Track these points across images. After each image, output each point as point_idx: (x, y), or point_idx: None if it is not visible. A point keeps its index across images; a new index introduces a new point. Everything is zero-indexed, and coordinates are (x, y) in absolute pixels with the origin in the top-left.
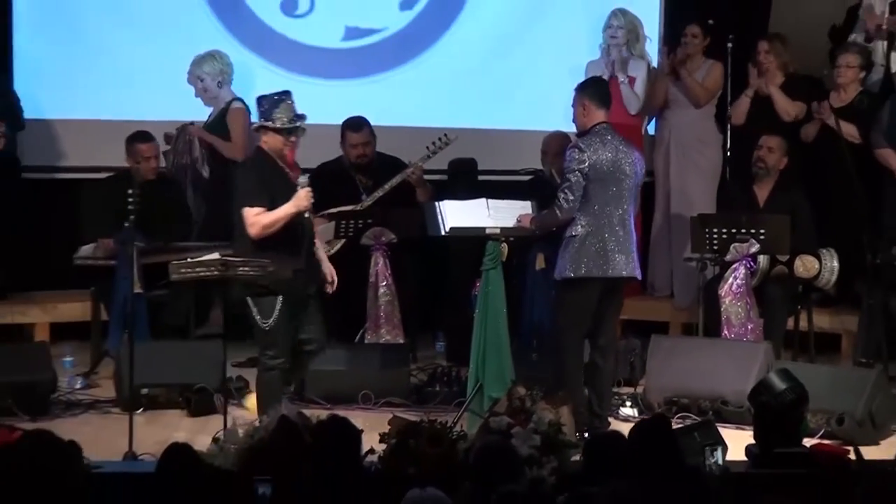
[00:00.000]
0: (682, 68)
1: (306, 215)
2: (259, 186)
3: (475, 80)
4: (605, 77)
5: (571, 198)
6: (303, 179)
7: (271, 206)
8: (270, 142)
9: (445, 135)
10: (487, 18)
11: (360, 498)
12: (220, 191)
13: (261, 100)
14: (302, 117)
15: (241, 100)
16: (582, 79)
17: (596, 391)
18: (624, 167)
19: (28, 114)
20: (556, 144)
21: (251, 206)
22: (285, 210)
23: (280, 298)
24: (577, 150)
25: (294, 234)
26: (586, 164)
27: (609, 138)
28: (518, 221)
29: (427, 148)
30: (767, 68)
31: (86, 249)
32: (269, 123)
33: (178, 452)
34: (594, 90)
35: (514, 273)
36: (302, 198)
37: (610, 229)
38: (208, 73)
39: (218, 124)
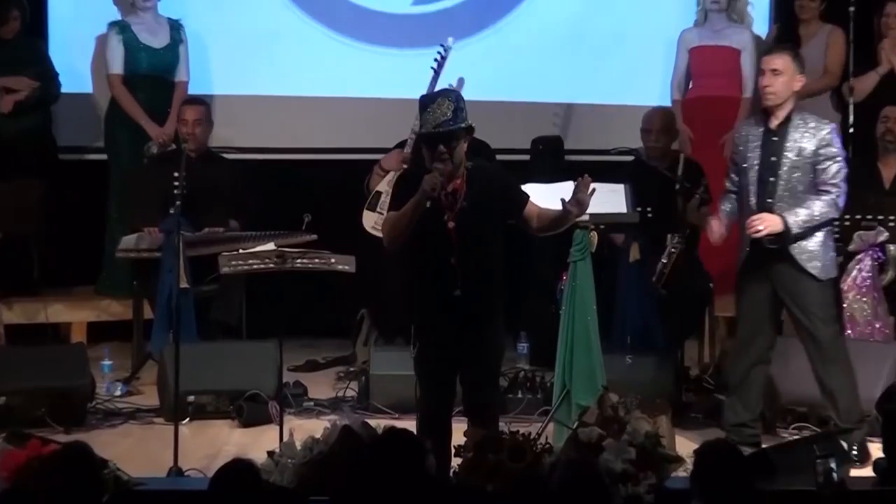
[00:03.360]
0: None
1: (428, 204)
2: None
3: (560, 48)
4: (695, 45)
5: (846, 189)
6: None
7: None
8: (423, 152)
9: (441, 45)
10: None
11: None
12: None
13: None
14: (448, 122)
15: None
16: (674, 50)
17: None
18: None
19: (65, 87)
20: (661, 121)
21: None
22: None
23: (417, 343)
24: (836, 133)
25: (428, 248)
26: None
27: None
28: (750, 227)
29: (432, 69)
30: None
31: (127, 240)
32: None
33: (238, 470)
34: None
35: (605, 265)
36: (424, 182)
37: None
38: None
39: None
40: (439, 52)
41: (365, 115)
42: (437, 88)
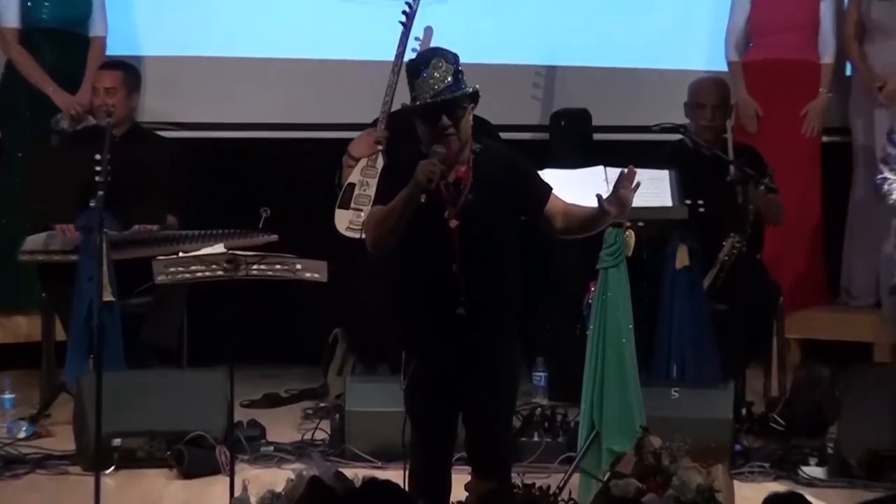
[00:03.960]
0: None
1: (423, 199)
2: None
3: None
4: None
5: None
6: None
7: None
8: (420, 131)
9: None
10: None
11: None
12: None
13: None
14: (451, 88)
15: None
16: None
17: None
18: None
19: None
20: (717, 94)
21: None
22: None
23: (412, 364)
24: None
25: (423, 252)
26: None
27: None
28: None
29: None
30: None
31: (34, 240)
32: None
33: None
34: None
35: (645, 273)
36: (418, 171)
37: None
38: None
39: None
40: (407, 3)
41: (340, 81)
42: (408, 45)
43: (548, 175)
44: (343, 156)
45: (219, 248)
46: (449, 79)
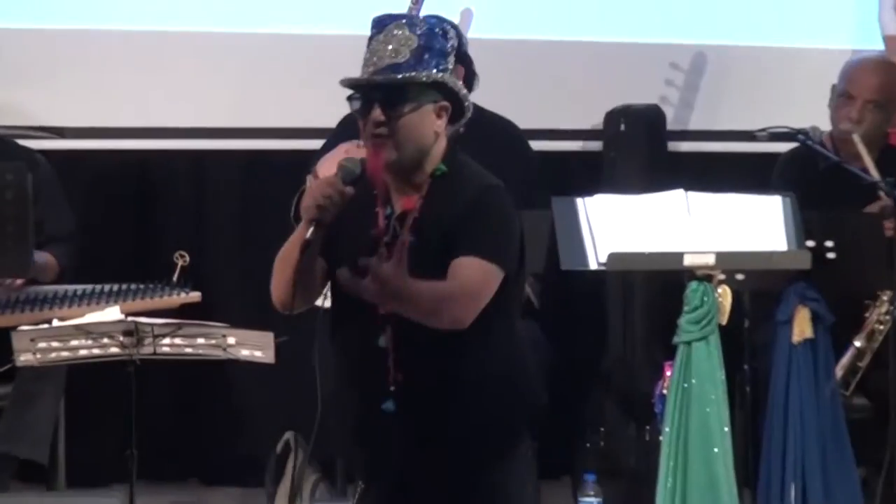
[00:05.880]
0: None
1: (309, 234)
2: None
3: None
4: None
5: None
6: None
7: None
8: None
9: None
10: None
11: None
12: None
13: None
14: (397, 67)
15: None
16: None
17: None
18: None
19: None
20: (876, 84)
21: None
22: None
23: (360, 485)
24: None
25: (344, 317)
26: None
27: None
28: None
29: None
30: None
31: None
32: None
33: None
34: None
35: (747, 349)
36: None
37: None
38: None
39: None
40: None
41: (301, 65)
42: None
43: (602, 202)
44: (306, 175)
45: (112, 312)
46: (404, 53)
